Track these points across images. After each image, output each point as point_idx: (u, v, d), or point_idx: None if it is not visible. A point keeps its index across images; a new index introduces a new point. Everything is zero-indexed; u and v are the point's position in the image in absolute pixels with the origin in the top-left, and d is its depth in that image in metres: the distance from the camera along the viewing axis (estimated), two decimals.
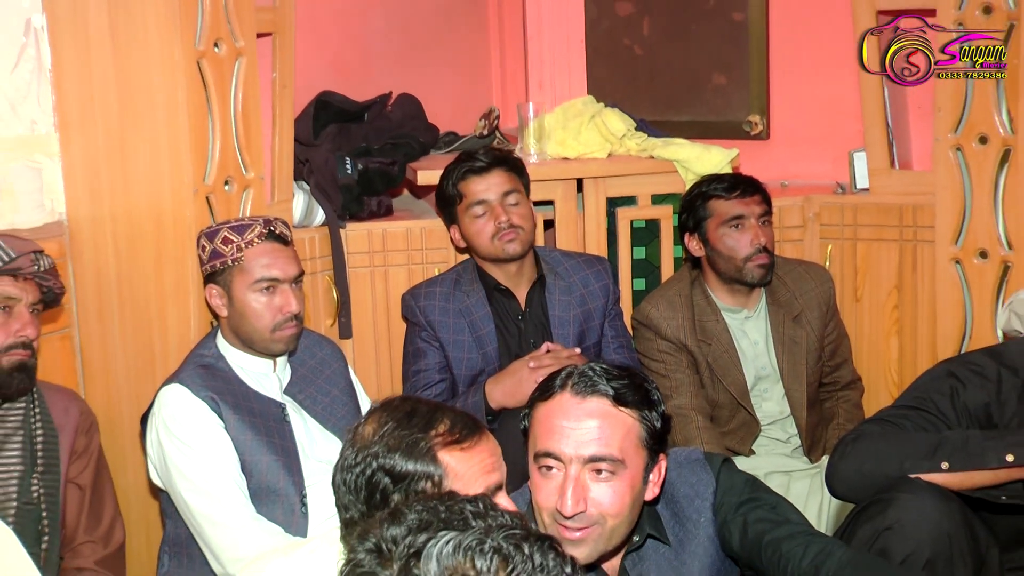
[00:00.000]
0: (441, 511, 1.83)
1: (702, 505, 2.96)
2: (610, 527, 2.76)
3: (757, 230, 4.47)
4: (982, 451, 3.17)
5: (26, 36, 4.47)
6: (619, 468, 2.74)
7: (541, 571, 1.75)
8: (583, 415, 2.75)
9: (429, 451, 2.52)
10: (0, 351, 3.62)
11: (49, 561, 3.74)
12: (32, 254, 3.68)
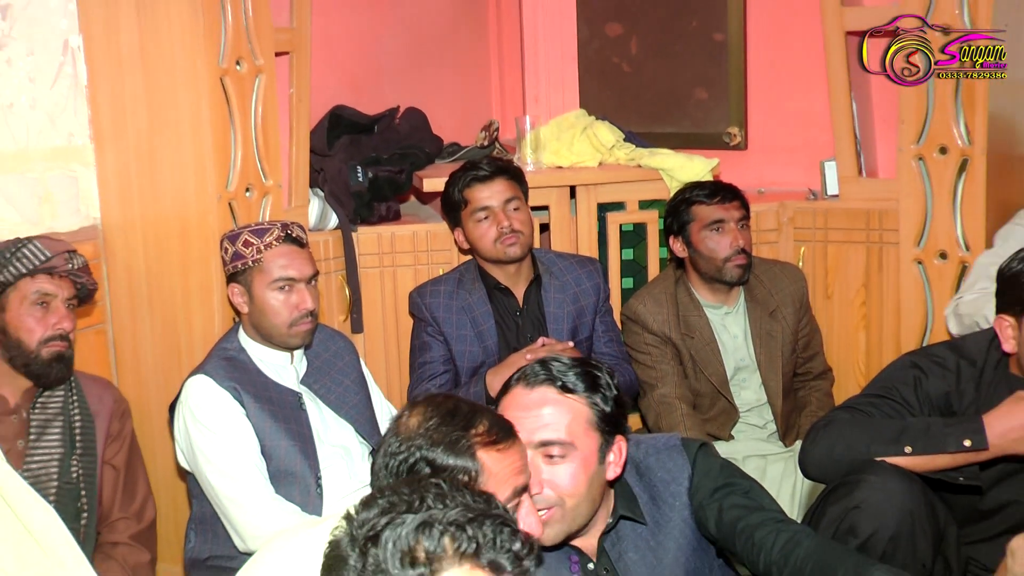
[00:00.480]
0: (405, 495, 1.85)
1: (678, 489, 2.96)
2: (570, 507, 2.77)
3: (736, 233, 4.47)
4: (943, 437, 3.19)
5: (64, 55, 4.48)
6: (569, 450, 2.75)
7: (492, 545, 1.77)
8: (532, 404, 2.78)
9: (469, 448, 2.52)
10: (40, 343, 3.65)
11: (88, 536, 3.76)
12: (66, 254, 3.72)
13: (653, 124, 5.58)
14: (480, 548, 1.77)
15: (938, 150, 4.67)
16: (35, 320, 3.66)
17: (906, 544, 3.08)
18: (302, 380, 3.97)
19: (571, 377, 2.80)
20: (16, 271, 3.65)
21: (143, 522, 3.93)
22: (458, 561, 1.77)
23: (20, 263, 3.66)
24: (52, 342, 3.68)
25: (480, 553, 1.77)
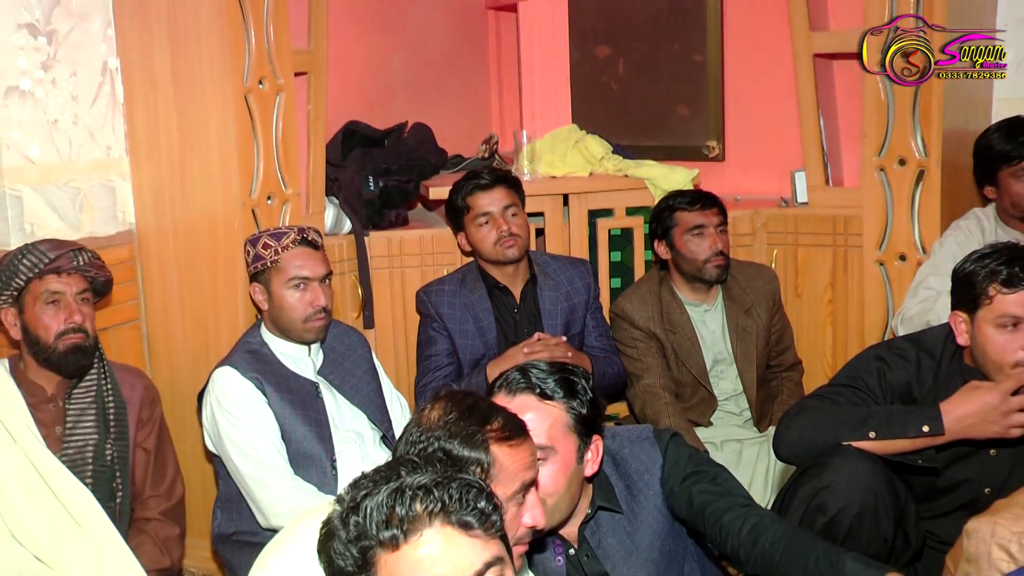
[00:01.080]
0: (383, 471, 1.89)
1: (651, 479, 2.96)
2: (551, 504, 2.76)
3: (715, 237, 4.46)
4: (903, 423, 3.21)
5: (103, 76, 4.49)
6: (550, 454, 2.75)
7: (459, 504, 1.80)
8: (513, 411, 2.72)
9: (484, 442, 2.51)
10: (56, 337, 3.65)
11: (122, 513, 3.76)
12: (69, 252, 3.71)
13: (639, 138, 5.58)
14: (446, 507, 1.80)
15: (897, 162, 4.66)
16: (49, 317, 3.66)
17: (870, 520, 3.10)
18: (319, 371, 3.97)
19: (550, 384, 2.81)
20: (25, 275, 3.67)
21: (172, 499, 3.94)
22: (428, 521, 1.80)
23: (27, 267, 3.67)
24: (67, 335, 3.67)
25: (447, 511, 1.80)
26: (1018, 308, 3.17)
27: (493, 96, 6.07)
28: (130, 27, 4.47)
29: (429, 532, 1.79)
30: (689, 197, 4.59)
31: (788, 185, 5.20)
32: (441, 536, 1.79)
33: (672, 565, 2.98)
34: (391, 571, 1.80)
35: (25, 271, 3.66)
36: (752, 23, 5.43)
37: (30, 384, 3.74)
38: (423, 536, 1.79)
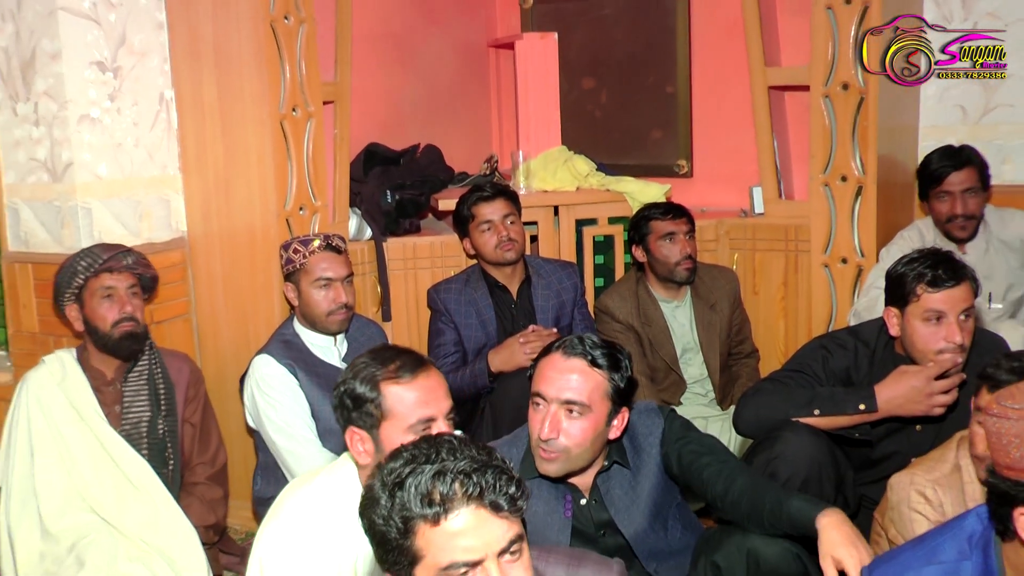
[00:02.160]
0: (424, 449, 1.89)
1: (653, 441, 3.01)
2: (574, 455, 2.82)
3: (684, 243, 4.46)
4: (843, 402, 3.26)
5: (160, 105, 4.51)
6: (586, 411, 2.80)
7: (493, 489, 1.81)
8: (565, 369, 2.82)
9: (374, 380, 2.57)
10: (112, 326, 3.68)
11: (174, 479, 3.78)
12: (119, 253, 3.76)
13: (618, 157, 5.56)
14: (483, 491, 1.81)
15: (840, 179, 4.65)
16: (105, 309, 3.69)
17: (814, 485, 3.13)
18: (343, 358, 3.97)
19: (599, 355, 2.85)
20: (83, 274, 3.69)
21: (216, 466, 3.95)
22: (465, 502, 1.81)
23: (84, 267, 3.70)
24: (121, 324, 3.70)
25: (483, 495, 1.81)
26: (941, 304, 3.21)
27: (493, 121, 6.07)
28: (183, 63, 4.48)
29: (465, 511, 1.81)
30: (662, 208, 4.58)
31: (747, 198, 5.19)
32: (475, 516, 1.82)
33: (661, 513, 3.02)
34: (428, 540, 1.82)
35: (83, 271, 3.70)
36: (715, 60, 5.42)
37: (93, 370, 3.76)
38: (460, 514, 1.81)
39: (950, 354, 3.21)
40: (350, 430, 2.62)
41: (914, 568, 2.20)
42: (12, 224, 4.41)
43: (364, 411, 2.59)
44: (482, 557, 1.82)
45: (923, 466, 2.89)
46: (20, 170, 4.35)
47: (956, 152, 4.47)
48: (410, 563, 1.85)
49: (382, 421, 2.57)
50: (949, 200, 4.41)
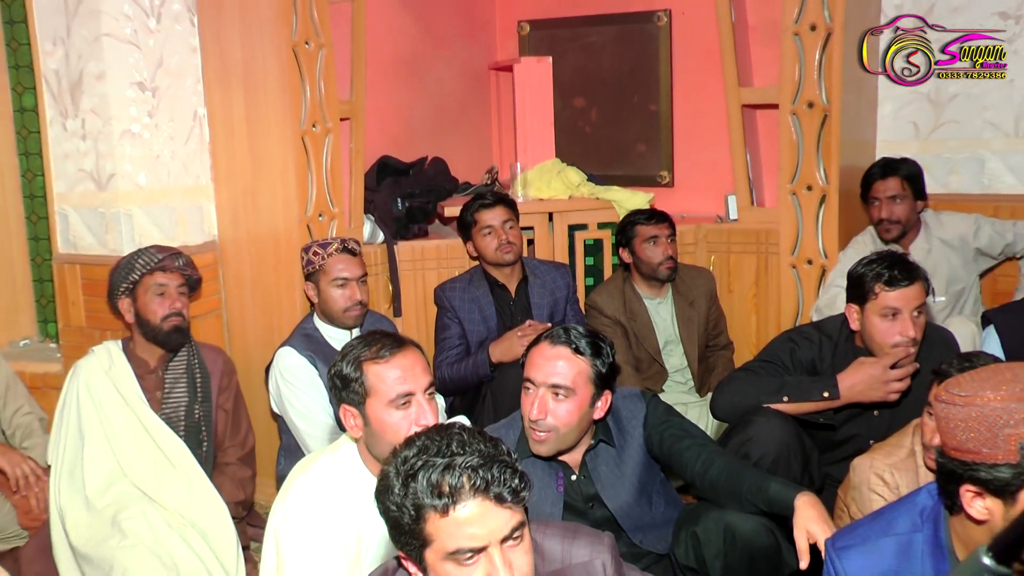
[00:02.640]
0: (436, 440, 1.89)
1: (636, 424, 3.02)
2: (562, 434, 2.84)
3: (666, 245, 4.46)
4: (809, 390, 3.28)
5: (193, 121, 4.52)
6: (571, 394, 2.81)
7: (498, 483, 1.81)
8: (552, 356, 2.84)
9: (358, 361, 2.57)
10: (162, 320, 3.70)
11: (208, 459, 3.79)
12: (171, 255, 3.78)
13: (607, 169, 5.56)
14: (489, 485, 1.81)
15: (806, 188, 4.66)
16: (156, 305, 3.70)
17: (783, 465, 3.15)
18: None
19: (583, 343, 2.86)
20: (139, 271, 3.72)
21: (246, 448, 3.95)
22: (472, 494, 1.81)
23: (140, 265, 3.73)
24: (170, 318, 3.72)
25: (489, 488, 1.81)
26: (896, 302, 3.23)
27: (494, 136, 6.06)
28: (214, 83, 4.49)
29: (472, 503, 1.81)
30: (646, 214, 4.58)
31: (723, 206, 5.20)
32: (481, 507, 1.81)
33: (645, 489, 3.03)
34: (438, 528, 1.82)
35: (139, 268, 3.72)
36: (694, 81, 5.42)
37: (137, 359, 3.77)
38: (466, 505, 1.81)
39: (903, 347, 3.25)
40: (342, 408, 2.63)
41: (872, 539, 2.21)
42: (62, 229, 4.42)
43: (351, 389, 2.58)
44: (486, 544, 1.82)
45: (882, 451, 2.91)
46: (69, 180, 4.37)
47: (885, 163, 4.52)
48: (420, 546, 1.85)
49: (367, 398, 2.56)
50: (877, 205, 4.46)
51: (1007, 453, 1.88)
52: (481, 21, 5.94)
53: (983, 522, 1.97)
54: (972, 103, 4.85)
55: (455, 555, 1.82)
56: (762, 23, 5.02)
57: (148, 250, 3.79)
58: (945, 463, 2.00)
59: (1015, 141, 4.82)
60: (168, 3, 4.37)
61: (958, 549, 2.10)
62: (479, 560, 1.83)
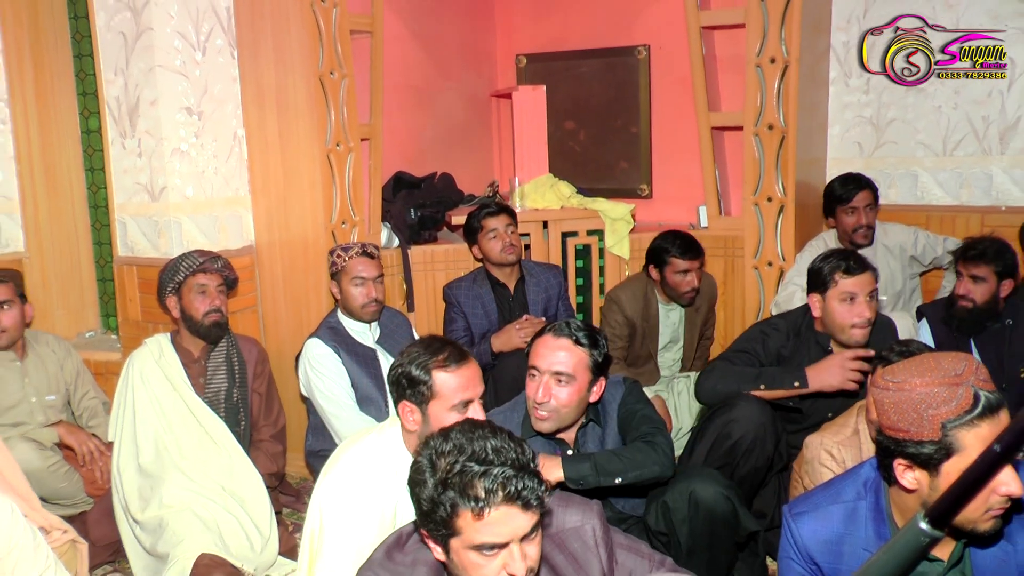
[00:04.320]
0: (473, 442, 1.87)
1: (615, 405, 3.02)
2: (563, 414, 2.84)
3: (695, 277, 4.35)
4: (782, 379, 3.29)
5: (234, 141, 4.51)
6: (571, 380, 2.82)
7: (523, 489, 1.81)
8: (554, 347, 2.84)
9: (427, 367, 2.56)
10: (203, 315, 3.72)
11: (245, 437, 3.81)
12: (211, 259, 3.80)
13: (594, 182, 5.56)
14: (519, 493, 1.81)
15: (766, 199, 4.67)
16: (199, 303, 3.73)
17: (760, 443, 3.18)
18: (377, 341, 3.98)
19: (582, 335, 2.86)
20: (184, 272, 3.73)
21: (278, 427, 3.97)
22: (503, 501, 1.81)
23: (185, 267, 3.74)
24: (210, 314, 3.74)
25: (519, 497, 1.81)
26: (853, 287, 3.30)
27: (495, 154, 6.06)
28: (251, 108, 4.49)
29: (503, 508, 1.81)
30: (681, 246, 4.35)
31: (695, 215, 5.20)
32: (509, 512, 1.81)
33: None
34: (468, 523, 1.81)
35: (184, 270, 3.73)
36: (670, 107, 5.43)
37: (183, 350, 3.78)
38: (498, 510, 1.81)
39: (861, 328, 3.29)
40: (403, 404, 2.61)
41: (823, 506, 2.22)
42: (121, 235, 4.43)
43: (417, 390, 2.57)
44: (509, 541, 1.82)
45: (830, 430, 2.92)
46: (127, 192, 4.38)
47: (857, 177, 4.53)
48: (448, 535, 1.85)
49: (431, 400, 2.56)
50: (856, 214, 4.46)
51: (931, 432, 1.91)
52: (484, 54, 5.94)
53: (913, 491, 1.99)
54: (907, 127, 4.88)
55: (480, 548, 1.83)
56: (728, 56, 5.02)
57: (191, 254, 3.80)
58: (881, 440, 2.02)
59: (943, 159, 4.84)
60: (212, 38, 4.38)
61: (896, 514, 2.12)
62: (499, 553, 1.83)
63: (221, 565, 3.23)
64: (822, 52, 4.88)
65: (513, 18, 5.90)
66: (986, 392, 1.90)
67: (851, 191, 4.48)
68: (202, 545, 3.30)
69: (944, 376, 1.91)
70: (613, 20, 5.54)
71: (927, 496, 1.95)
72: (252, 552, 3.47)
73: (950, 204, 4.84)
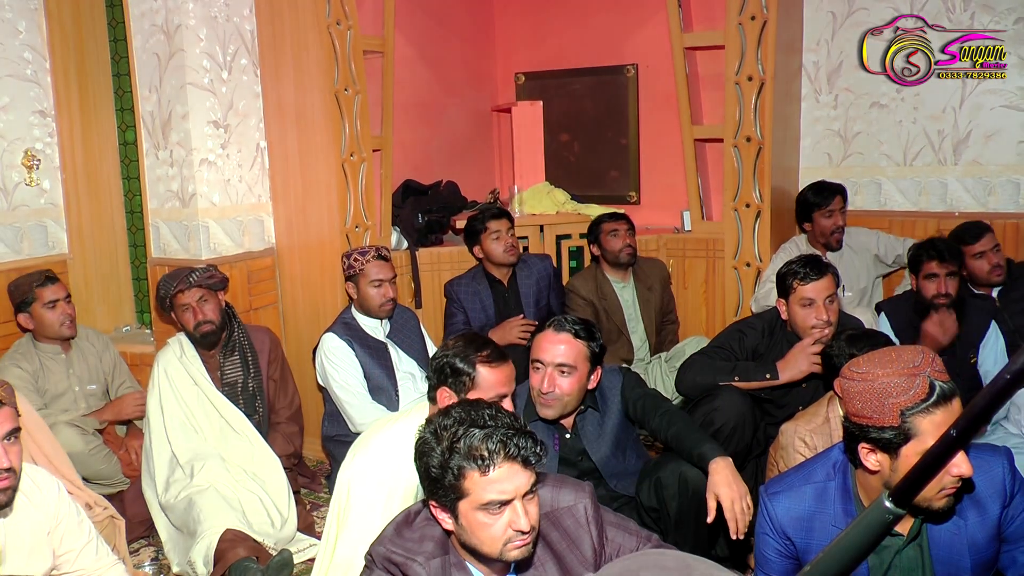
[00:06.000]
0: (472, 413, 1.90)
1: (615, 392, 3.04)
2: (565, 401, 2.86)
3: (624, 236, 4.52)
4: (756, 372, 3.32)
5: (256, 152, 4.51)
6: (572, 371, 2.85)
7: (523, 448, 1.84)
8: (556, 341, 2.86)
9: (472, 361, 2.58)
10: (194, 328, 3.72)
11: (263, 422, 3.82)
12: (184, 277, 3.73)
13: (586, 190, 5.56)
14: (519, 451, 1.85)
15: (745, 205, 4.67)
16: (187, 319, 3.72)
17: (740, 431, 3.20)
18: (387, 335, 3.98)
19: (580, 329, 2.88)
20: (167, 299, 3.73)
21: (293, 408, 3.98)
22: (505, 458, 1.84)
23: (164, 293, 3.72)
24: (200, 326, 3.72)
25: (519, 454, 1.84)
26: (810, 293, 3.33)
27: (495, 164, 6.05)
28: (273, 122, 4.49)
29: (505, 465, 1.84)
30: (608, 215, 4.67)
31: (679, 219, 5.21)
32: (510, 469, 1.85)
33: (620, 444, 3.04)
34: (474, 483, 1.84)
35: (165, 296, 3.73)
36: (656, 120, 5.42)
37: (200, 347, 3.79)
38: (500, 467, 1.84)
39: (819, 329, 3.31)
40: (442, 389, 2.61)
41: (796, 487, 2.23)
42: (154, 238, 4.43)
43: (459, 380, 2.58)
44: (512, 498, 1.85)
45: (804, 418, 2.91)
46: (160, 198, 4.38)
47: (829, 184, 4.56)
48: (456, 498, 1.87)
49: (470, 390, 2.57)
50: (833, 217, 4.47)
51: (891, 418, 1.92)
52: (485, 73, 5.94)
53: (876, 472, 2.01)
54: (872, 139, 4.88)
55: (487, 506, 1.85)
56: (710, 74, 5.02)
57: (165, 281, 3.75)
58: (848, 426, 2.03)
59: (904, 169, 4.84)
60: (237, 58, 4.39)
61: (861, 493, 2.13)
62: (504, 511, 1.86)
63: (244, 540, 3.25)
64: (795, 71, 4.88)
65: (512, 39, 5.90)
66: (940, 382, 1.92)
67: (828, 197, 4.50)
68: (227, 522, 3.31)
69: (903, 367, 1.93)
70: (604, 41, 5.54)
71: (888, 477, 1.97)
72: (272, 529, 3.48)
73: (910, 210, 4.85)
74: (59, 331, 3.82)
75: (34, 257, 4.37)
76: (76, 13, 4.56)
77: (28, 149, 4.35)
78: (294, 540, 3.58)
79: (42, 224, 4.45)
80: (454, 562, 1.97)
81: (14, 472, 2.31)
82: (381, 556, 2.00)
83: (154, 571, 3.37)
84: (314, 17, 4.24)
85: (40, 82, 4.41)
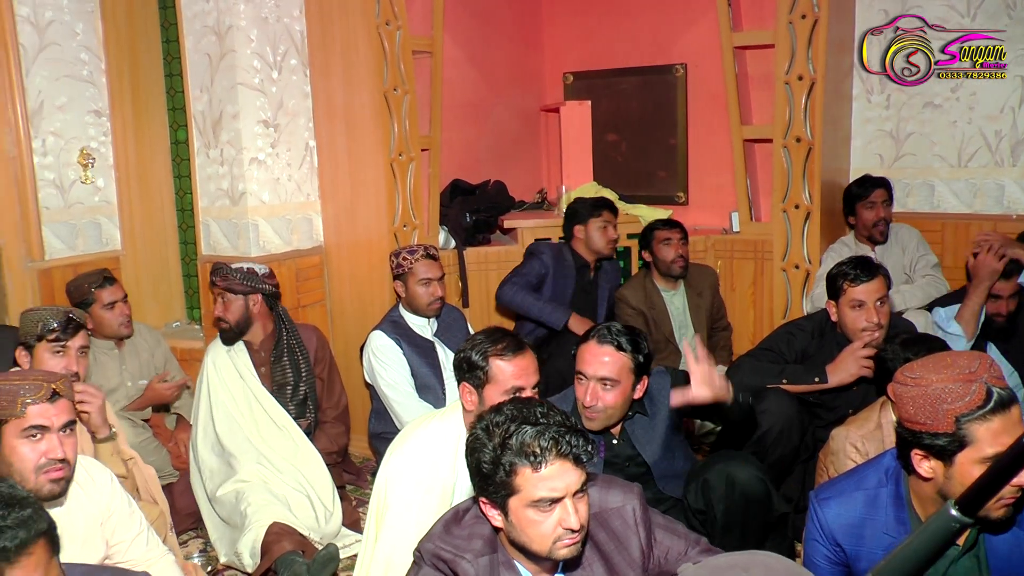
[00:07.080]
0: (524, 410, 1.91)
1: (665, 394, 2.98)
2: (608, 414, 2.82)
3: (678, 246, 4.46)
4: (805, 375, 3.31)
5: (305, 151, 4.56)
6: (616, 384, 2.80)
7: (574, 446, 1.84)
8: (599, 353, 2.80)
9: (486, 354, 2.59)
10: (215, 325, 3.80)
11: (313, 424, 3.85)
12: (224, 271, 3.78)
13: (634, 190, 5.52)
14: (572, 449, 1.85)
15: (794, 207, 4.62)
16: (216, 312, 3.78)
17: (787, 434, 3.19)
18: (435, 334, 4.00)
19: (624, 340, 2.82)
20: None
21: (339, 408, 3.99)
22: (557, 456, 1.84)
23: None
24: (217, 323, 3.79)
25: (570, 452, 1.85)
26: (861, 295, 3.29)
27: (543, 164, 6.04)
28: (322, 121, 4.54)
29: (556, 462, 1.84)
30: (663, 222, 4.61)
31: (728, 220, 5.17)
32: (562, 466, 1.85)
33: (669, 446, 3.01)
34: (526, 480, 1.85)
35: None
36: (705, 120, 5.39)
37: (246, 342, 3.82)
38: (552, 464, 1.84)
39: (869, 331, 3.27)
40: (463, 385, 2.64)
41: (847, 493, 2.20)
42: (205, 235, 4.49)
43: (475, 374, 2.60)
44: (563, 495, 1.85)
45: (855, 424, 2.88)
46: (210, 197, 4.44)
47: (871, 177, 4.53)
48: (507, 495, 1.88)
49: (487, 384, 2.58)
50: (875, 209, 4.43)
51: (946, 425, 1.89)
52: (533, 72, 5.94)
53: (930, 479, 1.98)
54: (925, 140, 4.80)
55: (537, 503, 1.85)
56: (759, 74, 4.97)
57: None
58: (901, 432, 2.00)
59: (958, 171, 4.75)
60: (287, 58, 4.43)
61: (914, 501, 2.10)
62: (555, 508, 1.86)
63: (291, 534, 3.28)
64: (846, 70, 4.82)
65: (560, 39, 5.89)
66: (998, 388, 1.88)
67: (869, 188, 4.46)
68: (273, 515, 3.35)
69: (959, 373, 1.90)
70: (653, 40, 5.52)
71: (942, 484, 1.94)
72: (318, 523, 3.51)
73: (964, 212, 4.77)
74: (117, 331, 3.88)
75: (88, 253, 4.46)
76: (130, 15, 4.65)
77: (83, 148, 4.45)
78: (339, 535, 3.61)
79: (96, 221, 4.53)
80: (502, 560, 1.98)
81: (68, 463, 2.35)
82: (430, 553, 2.01)
83: (202, 562, 3.42)
84: (363, 17, 4.27)
85: (95, 82, 4.49)
